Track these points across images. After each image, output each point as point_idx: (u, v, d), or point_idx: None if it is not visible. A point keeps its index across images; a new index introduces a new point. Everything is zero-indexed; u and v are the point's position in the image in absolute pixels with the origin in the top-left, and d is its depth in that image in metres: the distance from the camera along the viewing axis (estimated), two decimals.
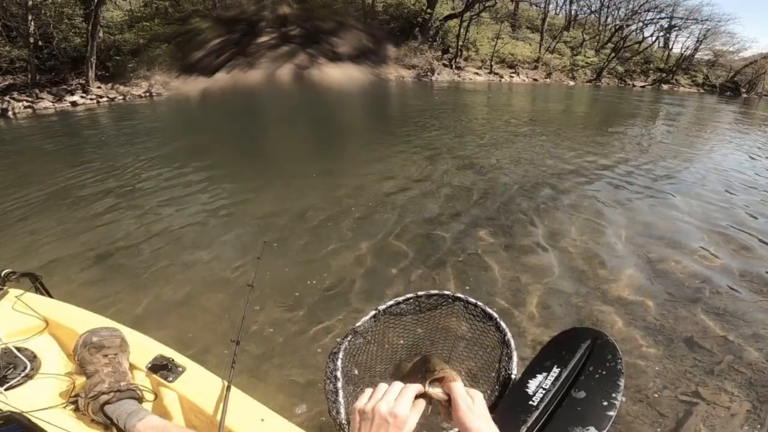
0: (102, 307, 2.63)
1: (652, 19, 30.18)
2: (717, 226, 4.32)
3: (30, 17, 12.60)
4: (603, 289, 3.07)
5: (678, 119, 13.69)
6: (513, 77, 25.61)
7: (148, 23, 17.31)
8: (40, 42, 13.39)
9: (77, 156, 6.82)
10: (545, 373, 0.80)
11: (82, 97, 13.01)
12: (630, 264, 3.46)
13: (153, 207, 4.52)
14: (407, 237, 3.85)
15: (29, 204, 4.54)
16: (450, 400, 0.61)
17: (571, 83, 27.01)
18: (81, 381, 1.19)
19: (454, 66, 24.16)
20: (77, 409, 1.12)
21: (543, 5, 30.87)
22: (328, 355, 0.87)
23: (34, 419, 0.96)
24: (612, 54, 28.51)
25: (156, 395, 1.20)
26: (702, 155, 7.95)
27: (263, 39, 18.64)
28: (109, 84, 14.49)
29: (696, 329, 2.66)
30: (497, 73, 25.36)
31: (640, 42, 30.66)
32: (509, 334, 0.84)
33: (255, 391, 2.01)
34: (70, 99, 12.66)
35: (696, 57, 30.60)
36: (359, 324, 0.90)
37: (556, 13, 34.05)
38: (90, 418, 1.10)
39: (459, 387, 0.60)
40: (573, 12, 32.80)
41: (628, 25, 30.24)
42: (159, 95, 14.68)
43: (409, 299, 0.92)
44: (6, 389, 1.11)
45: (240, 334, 1.25)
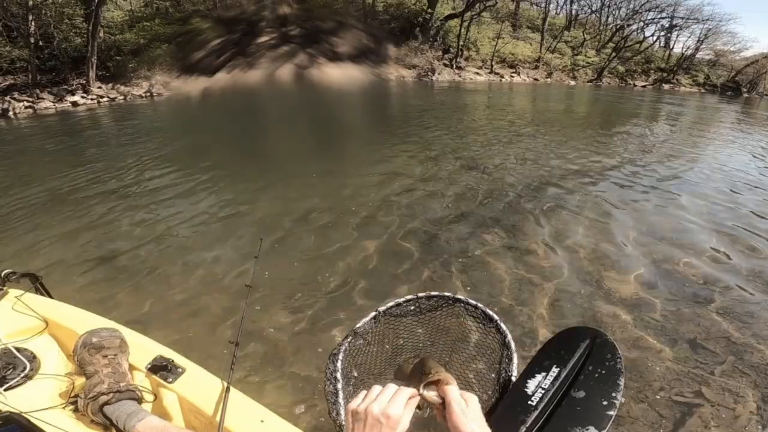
0: (102, 308, 2.63)
1: (653, 19, 30.23)
2: (723, 226, 4.32)
3: (30, 17, 12.61)
4: (609, 289, 3.07)
5: (680, 119, 13.67)
6: (514, 77, 25.60)
7: (148, 23, 17.33)
8: (40, 42, 13.40)
9: (78, 156, 6.82)
10: (544, 373, 0.80)
11: (82, 97, 13.03)
12: (636, 264, 3.45)
13: (153, 208, 4.52)
14: (410, 237, 3.83)
15: (30, 205, 4.55)
16: (445, 403, 0.61)
17: (572, 83, 27.00)
18: (80, 381, 1.19)
19: (454, 66, 24.15)
20: (77, 410, 1.12)
21: (544, 5, 30.90)
22: (328, 357, 0.87)
23: (33, 420, 0.96)
24: (613, 54, 28.50)
25: (155, 396, 1.20)
26: (706, 155, 7.94)
27: (263, 39, 18.67)
28: (110, 84, 14.52)
29: (700, 329, 2.65)
30: (498, 73, 25.34)
31: (641, 42, 30.65)
32: (510, 336, 0.83)
33: (255, 393, 2.01)
34: (70, 99, 12.68)
35: (697, 57, 30.59)
36: (359, 325, 0.90)
37: (556, 13, 34.08)
38: (89, 418, 1.10)
39: (453, 390, 0.61)
40: (574, 12, 32.82)
41: (628, 25, 30.24)
42: (159, 95, 14.69)
43: (410, 300, 0.92)
44: (5, 390, 1.11)
45: (239, 335, 1.25)
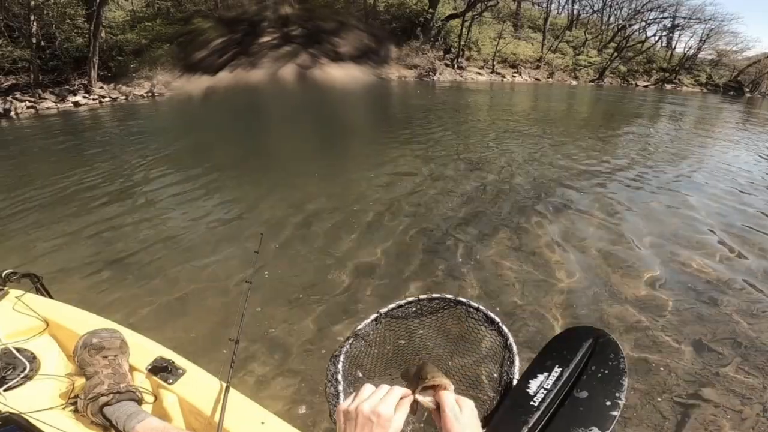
0: (102, 308, 2.63)
1: (654, 19, 30.16)
2: (734, 227, 4.32)
3: (32, 17, 12.64)
4: (618, 290, 3.07)
5: (684, 119, 13.64)
6: (515, 77, 25.56)
7: (150, 23, 17.34)
8: (42, 42, 13.43)
9: (81, 156, 6.84)
10: (546, 373, 0.79)
11: (84, 98, 13.04)
12: (647, 264, 3.45)
13: (154, 208, 4.52)
14: (417, 238, 3.80)
15: (32, 205, 4.55)
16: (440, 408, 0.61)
17: (574, 83, 26.94)
18: (80, 382, 1.19)
19: (456, 66, 24.12)
20: (76, 411, 1.12)
21: (545, 5, 30.85)
22: (329, 358, 0.86)
23: (32, 420, 0.96)
24: (615, 53, 28.43)
25: (156, 397, 1.19)
26: (713, 156, 7.94)
27: (265, 39, 18.65)
28: (112, 84, 14.53)
29: (706, 330, 2.64)
30: (499, 73, 25.31)
31: (642, 42, 30.58)
32: (511, 338, 0.83)
33: (256, 394, 2.01)
34: (72, 99, 12.70)
35: (699, 56, 30.53)
36: (360, 327, 0.90)
37: (558, 13, 34.00)
38: (89, 419, 1.09)
39: (448, 396, 0.61)
40: (575, 11, 32.75)
41: (630, 25, 30.18)
42: (161, 95, 14.71)
43: (411, 302, 0.92)
44: (5, 390, 1.11)
45: (239, 332, 1.24)
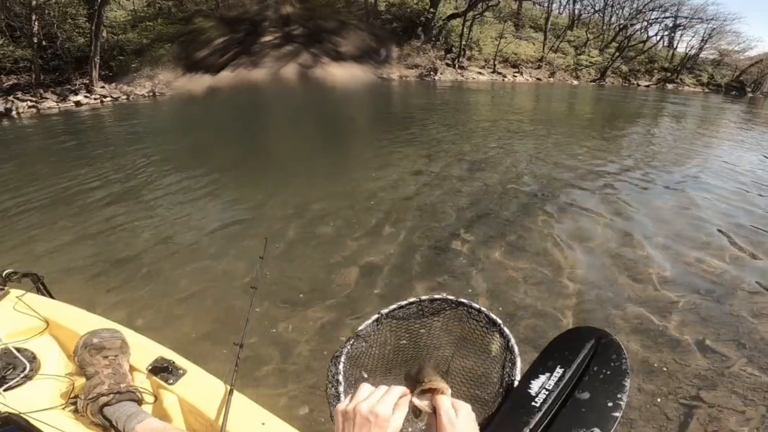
0: (103, 309, 2.63)
1: (656, 18, 30.07)
2: (741, 227, 4.31)
3: (34, 17, 12.66)
4: (623, 290, 3.07)
5: (687, 119, 13.61)
6: (516, 77, 25.52)
7: (151, 23, 17.37)
8: (43, 42, 13.45)
9: (82, 156, 6.84)
10: (548, 374, 0.78)
11: (86, 97, 13.06)
12: (652, 264, 3.44)
13: (156, 208, 4.52)
14: (422, 239, 3.79)
15: (33, 205, 4.56)
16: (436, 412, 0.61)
17: (575, 83, 26.90)
18: (81, 382, 1.18)
19: (457, 65, 24.10)
20: (76, 411, 1.12)
21: (546, 4, 30.81)
22: (330, 359, 0.86)
23: (32, 420, 0.96)
24: (616, 53, 28.37)
25: (156, 397, 1.19)
26: (718, 156, 7.92)
27: (267, 38, 18.68)
28: (113, 84, 14.55)
29: (711, 330, 2.63)
30: (500, 73, 25.28)
31: (644, 41, 30.51)
32: (513, 340, 0.82)
33: (256, 394, 2.00)
34: (74, 99, 12.71)
35: (701, 56, 30.42)
36: (362, 328, 0.89)
37: (559, 13, 33.93)
38: (89, 419, 1.09)
39: (444, 400, 0.61)
40: (576, 11, 32.66)
41: (632, 25, 30.11)
42: (162, 95, 14.73)
43: (412, 303, 0.91)
44: (5, 390, 1.11)
45: (243, 336, 1.24)
